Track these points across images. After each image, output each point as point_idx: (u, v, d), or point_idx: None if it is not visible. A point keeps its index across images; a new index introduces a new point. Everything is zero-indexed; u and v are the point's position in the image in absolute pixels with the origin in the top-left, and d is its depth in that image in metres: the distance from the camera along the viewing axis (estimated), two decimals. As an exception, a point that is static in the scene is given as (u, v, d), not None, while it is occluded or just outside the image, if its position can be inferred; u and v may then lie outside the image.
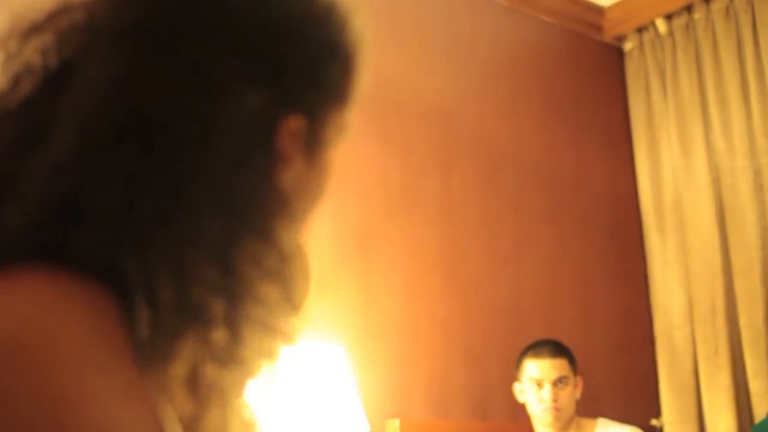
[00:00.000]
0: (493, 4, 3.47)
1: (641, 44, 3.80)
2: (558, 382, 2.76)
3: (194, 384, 0.60)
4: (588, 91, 3.79)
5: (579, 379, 2.85)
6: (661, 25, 3.70)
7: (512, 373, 2.90)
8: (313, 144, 0.72)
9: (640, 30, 3.81)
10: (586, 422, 2.86)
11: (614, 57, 3.91)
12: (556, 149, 3.54)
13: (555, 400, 2.74)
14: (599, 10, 3.83)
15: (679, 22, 3.65)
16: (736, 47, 3.45)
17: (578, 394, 2.84)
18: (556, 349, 2.82)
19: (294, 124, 0.68)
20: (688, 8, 3.63)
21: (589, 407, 2.94)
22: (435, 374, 2.95)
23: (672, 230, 3.56)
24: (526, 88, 3.53)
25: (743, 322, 3.27)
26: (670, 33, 3.69)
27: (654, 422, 3.44)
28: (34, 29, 0.64)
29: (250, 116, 0.64)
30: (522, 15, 3.57)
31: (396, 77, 3.09)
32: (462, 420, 2.99)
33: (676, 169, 3.58)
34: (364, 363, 2.71)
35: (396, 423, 2.76)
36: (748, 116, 3.37)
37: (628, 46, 3.86)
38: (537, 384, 2.77)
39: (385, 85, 3.05)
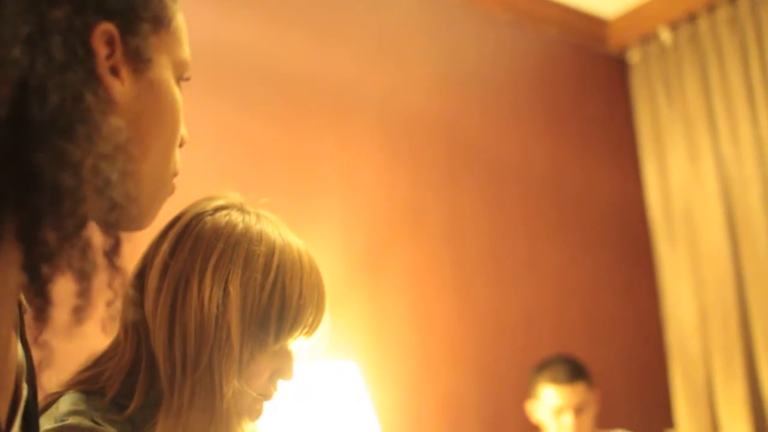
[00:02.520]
0: (495, 20, 3.48)
1: (646, 56, 3.81)
2: (579, 410, 2.74)
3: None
4: (593, 103, 3.79)
5: (596, 394, 2.84)
6: (665, 35, 3.71)
7: (524, 389, 2.90)
8: (136, 58, 0.73)
9: (644, 41, 3.82)
10: (603, 436, 2.85)
11: (618, 69, 3.92)
12: (563, 163, 3.55)
13: (577, 428, 2.72)
14: (602, 22, 3.84)
15: (684, 33, 3.66)
16: (742, 56, 3.46)
17: (596, 409, 2.83)
18: (573, 372, 2.78)
19: (106, 29, 0.68)
20: (692, 18, 3.64)
21: (603, 419, 2.93)
22: (447, 392, 2.95)
23: (682, 240, 3.56)
24: (531, 103, 3.54)
25: (757, 330, 3.26)
26: (675, 44, 3.70)
27: (669, 434, 3.43)
28: None
29: (56, 27, 0.63)
30: (525, 29, 3.58)
31: (401, 95, 3.11)
32: (476, 436, 2.98)
33: (685, 178, 3.58)
34: (376, 381, 2.71)
35: (411, 440, 2.75)
36: (756, 124, 3.37)
37: (633, 58, 3.87)
38: (557, 412, 2.75)
39: (391, 103, 3.06)
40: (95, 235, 0.66)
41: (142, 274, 1.09)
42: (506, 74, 3.49)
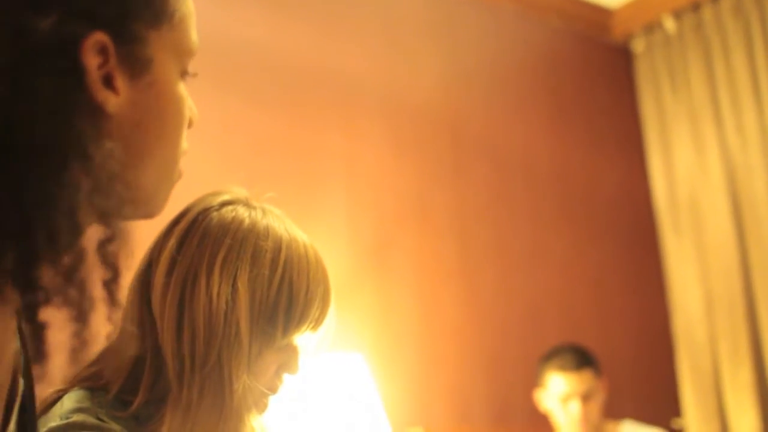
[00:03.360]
0: (500, 11, 3.47)
1: (651, 45, 3.80)
2: (586, 397, 2.75)
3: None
4: (597, 93, 3.78)
5: (603, 382, 2.84)
6: (669, 24, 3.70)
7: (532, 378, 2.90)
8: (132, 63, 0.70)
9: (648, 30, 3.81)
10: (611, 426, 2.85)
11: (623, 59, 3.91)
12: (568, 153, 3.54)
13: (584, 415, 2.73)
14: (606, 11, 3.83)
15: (689, 21, 3.65)
16: (747, 45, 3.44)
17: (604, 397, 2.83)
18: (580, 359, 2.79)
19: (97, 39, 0.66)
20: (696, 6, 3.63)
21: (610, 408, 2.93)
22: (455, 381, 2.95)
23: (688, 229, 3.55)
24: (536, 93, 3.53)
25: (763, 317, 3.25)
26: (680, 33, 3.68)
27: (676, 422, 3.43)
28: None
29: (43, 41, 0.61)
30: (529, 20, 3.57)
31: (406, 87, 3.10)
32: (483, 427, 2.99)
33: (690, 168, 3.57)
34: (383, 371, 2.72)
35: (420, 431, 2.76)
36: (761, 113, 3.36)
37: (637, 47, 3.86)
38: (564, 399, 2.76)
39: (396, 95, 3.06)
40: (93, 267, 0.65)
41: (147, 270, 1.09)
42: (510, 65, 3.48)
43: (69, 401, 1.00)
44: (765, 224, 3.29)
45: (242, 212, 1.10)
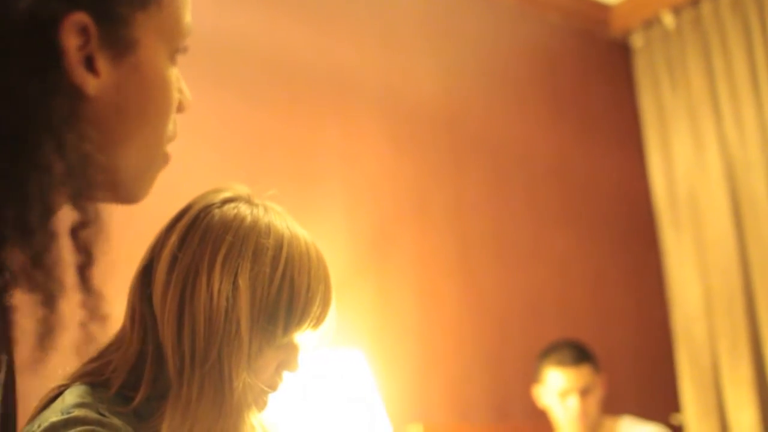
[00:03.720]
0: (498, 6, 3.47)
1: (649, 41, 3.80)
2: (584, 392, 2.75)
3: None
4: (596, 89, 3.78)
5: (602, 377, 2.84)
6: (668, 20, 3.70)
7: (531, 374, 2.90)
8: (116, 45, 0.69)
9: (647, 26, 3.81)
10: (610, 421, 2.85)
11: (621, 54, 3.90)
12: (566, 149, 3.54)
13: (582, 410, 2.73)
14: (605, 7, 3.83)
15: (687, 16, 3.65)
16: (745, 40, 3.44)
17: (602, 393, 2.83)
18: (578, 355, 2.79)
19: (77, 20, 0.64)
20: (694, 1, 3.62)
21: (610, 404, 2.93)
22: (454, 378, 2.95)
23: (687, 225, 3.55)
24: (534, 89, 3.53)
25: (762, 313, 3.26)
26: (678, 28, 3.68)
27: (675, 417, 3.43)
28: None
29: (19, 19, 0.60)
30: (527, 15, 3.57)
31: (405, 83, 3.10)
32: (484, 423, 2.99)
33: (689, 163, 3.57)
34: (382, 368, 2.72)
35: (420, 428, 2.75)
36: (760, 108, 3.36)
37: (636, 43, 3.86)
38: (562, 394, 2.76)
39: (395, 91, 3.06)
40: (66, 252, 0.63)
41: (149, 266, 1.09)
42: (509, 60, 3.48)
43: (70, 396, 1.00)
44: (764, 220, 3.29)
45: (244, 209, 1.10)
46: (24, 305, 0.61)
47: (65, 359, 0.67)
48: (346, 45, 2.99)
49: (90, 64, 0.67)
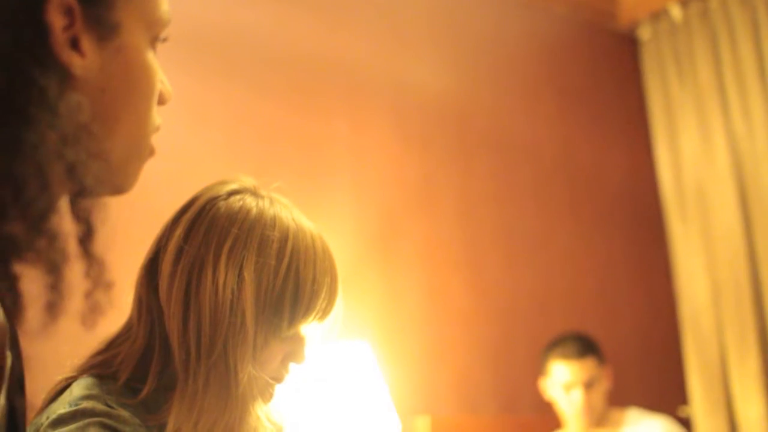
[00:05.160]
0: (506, -2, 3.47)
1: (657, 33, 3.79)
2: (588, 385, 2.75)
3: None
4: (603, 81, 3.77)
5: (608, 370, 2.84)
6: (676, 12, 3.68)
7: (538, 366, 2.90)
8: (100, 26, 0.70)
9: (654, 18, 3.79)
10: (616, 413, 2.85)
11: (629, 46, 3.89)
12: (574, 141, 3.54)
13: (587, 403, 2.73)
14: (612, -1, 3.82)
15: (695, 9, 3.63)
16: (753, 32, 3.43)
17: (608, 385, 2.83)
18: (583, 347, 2.79)
19: (62, 0, 0.65)
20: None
21: (617, 397, 2.93)
22: (461, 370, 2.95)
23: (695, 217, 3.55)
24: (542, 81, 3.52)
25: (770, 306, 3.26)
26: (686, 20, 3.67)
27: (682, 410, 3.43)
28: None
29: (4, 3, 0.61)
30: (534, 7, 3.56)
31: (412, 76, 3.10)
32: (491, 415, 2.99)
33: (697, 156, 3.56)
34: (389, 360, 2.72)
35: (427, 420, 2.76)
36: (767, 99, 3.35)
37: (643, 35, 3.84)
38: (567, 387, 2.76)
39: (402, 84, 3.06)
40: (67, 224, 0.64)
41: (155, 258, 1.09)
42: (516, 53, 3.48)
43: (78, 388, 1.00)
44: (772, 211, 3.28)
45: (250, 202, 1.10)
46: (30, 280, 0.62)
47: (74, 326, 0.67)
48: (355, 39, 2.99)
49: (75, 45, 0.68)
